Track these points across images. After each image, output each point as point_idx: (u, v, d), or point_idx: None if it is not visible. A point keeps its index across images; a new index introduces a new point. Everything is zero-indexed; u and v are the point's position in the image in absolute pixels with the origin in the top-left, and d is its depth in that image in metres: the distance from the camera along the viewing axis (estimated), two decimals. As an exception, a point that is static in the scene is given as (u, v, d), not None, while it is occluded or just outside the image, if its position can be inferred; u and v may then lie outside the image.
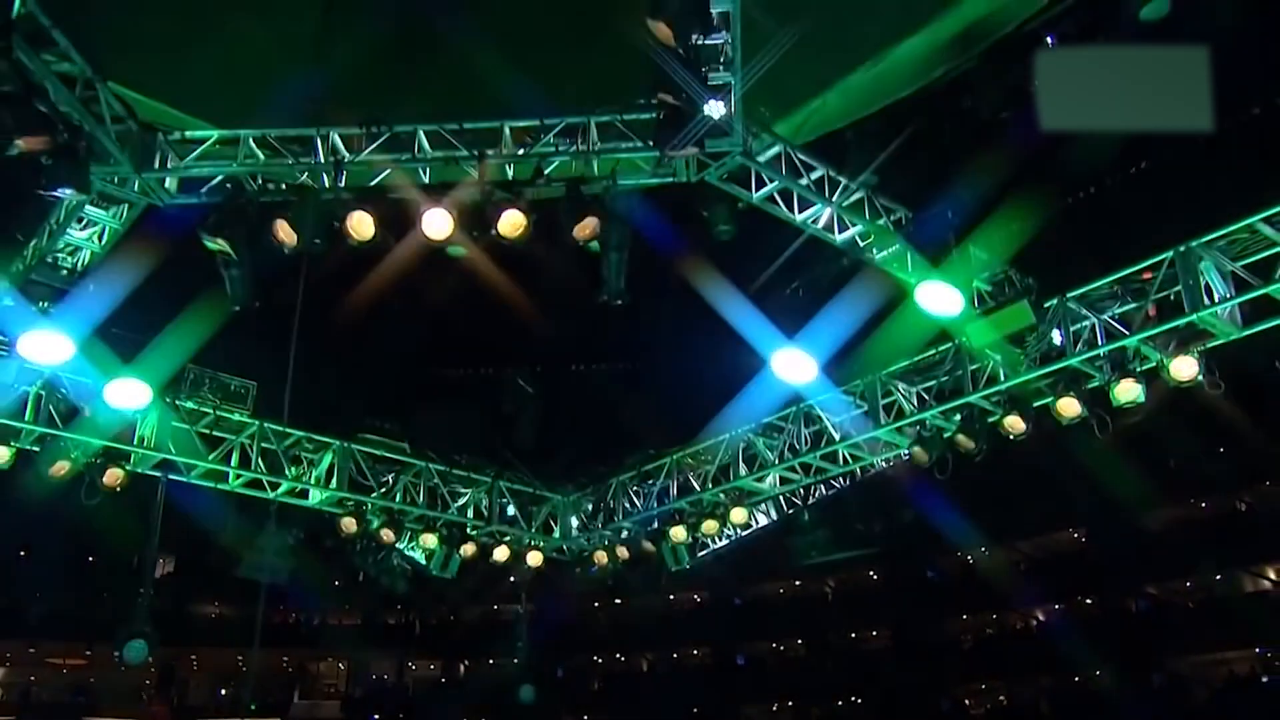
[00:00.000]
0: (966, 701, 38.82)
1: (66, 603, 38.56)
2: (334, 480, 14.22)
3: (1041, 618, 39.37)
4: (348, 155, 9.77)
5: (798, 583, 41.43)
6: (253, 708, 36.43)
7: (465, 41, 10.03)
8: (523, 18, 10.19)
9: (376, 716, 39.21)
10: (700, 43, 8.04)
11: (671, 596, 41.16)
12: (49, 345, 10.49)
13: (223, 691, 41.62)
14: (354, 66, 10.73)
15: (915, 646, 40.18)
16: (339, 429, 14.19)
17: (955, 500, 22.28)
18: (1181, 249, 10.57)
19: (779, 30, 9.07)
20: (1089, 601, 38.60)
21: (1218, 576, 36.77)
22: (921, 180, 12.29)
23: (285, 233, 9.35)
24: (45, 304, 10.60)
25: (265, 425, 13.59)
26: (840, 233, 10.78)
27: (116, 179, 9.54)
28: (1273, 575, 36.19)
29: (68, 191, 8.73)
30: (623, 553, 15.45)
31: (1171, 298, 10.82)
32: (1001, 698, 38.65)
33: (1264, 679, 34.62)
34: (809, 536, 13.96)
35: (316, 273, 12.15)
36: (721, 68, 8.66)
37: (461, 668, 43.54)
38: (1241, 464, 32.81)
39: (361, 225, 9.33)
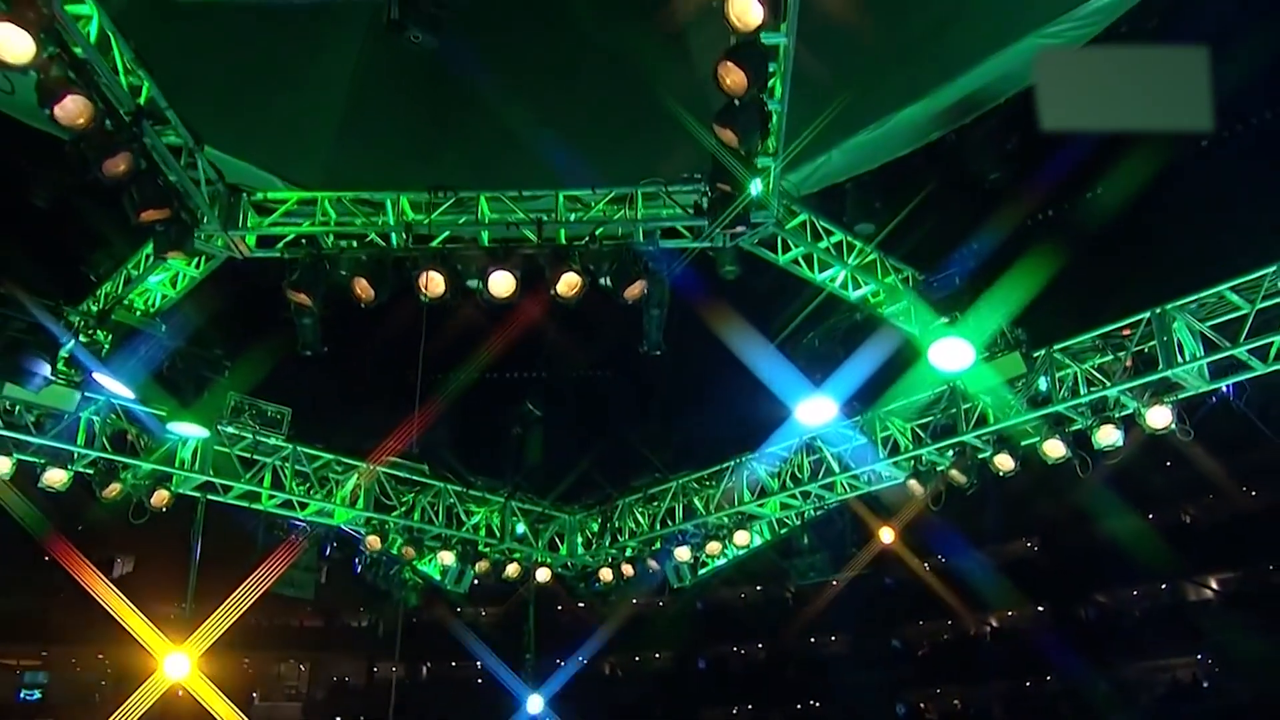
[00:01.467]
0: (922, 705, 40.88)
1: (23, 603, 38.92)
2: (359, 501, 15.32)
3: (995, 624, 41.41)
4: (414, 217, 10.93)
5: (759, 588, 42.91)
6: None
7: (516, 112, 11.19)
8: (573, 95, 11.36)
9: (339, 718, 40.10)
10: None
11: (635, 600, 42.32)
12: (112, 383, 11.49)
13: (180, 693, 42.17)
14: (409, 128, 11.91)
15: (872, 651, 41.98)
16: (366, 452, 15.25)
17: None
18: (1158, 310, 12.06)
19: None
20: (1041, 609, 40.59)
21: (1163, 585, 38.94)
22: (921, 235, 13.74)
23: (363, 289, 10.51)
24: (117, 341, 11.59)
25: (298, 449, 14.66)
26: (854, 291, 12.14)
27: (204, 236, 10.59)
28: (1214, 585, 38.44)
29: (176, 255, 9.78)
30: (627, 570, 16.76)
31: (1147, 351, 12.33)
32: (956, 701, 40.64)
33: (1204, 684, 36.80)
34: (808, 559, 15.35)
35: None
36: (764, 154, 9.97)
37: (424, 670, 44.57)
38: (1184, 478, 34.79)
39: (433, 284, 10.52)
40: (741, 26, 7.75)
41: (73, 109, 8.06)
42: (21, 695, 39.28)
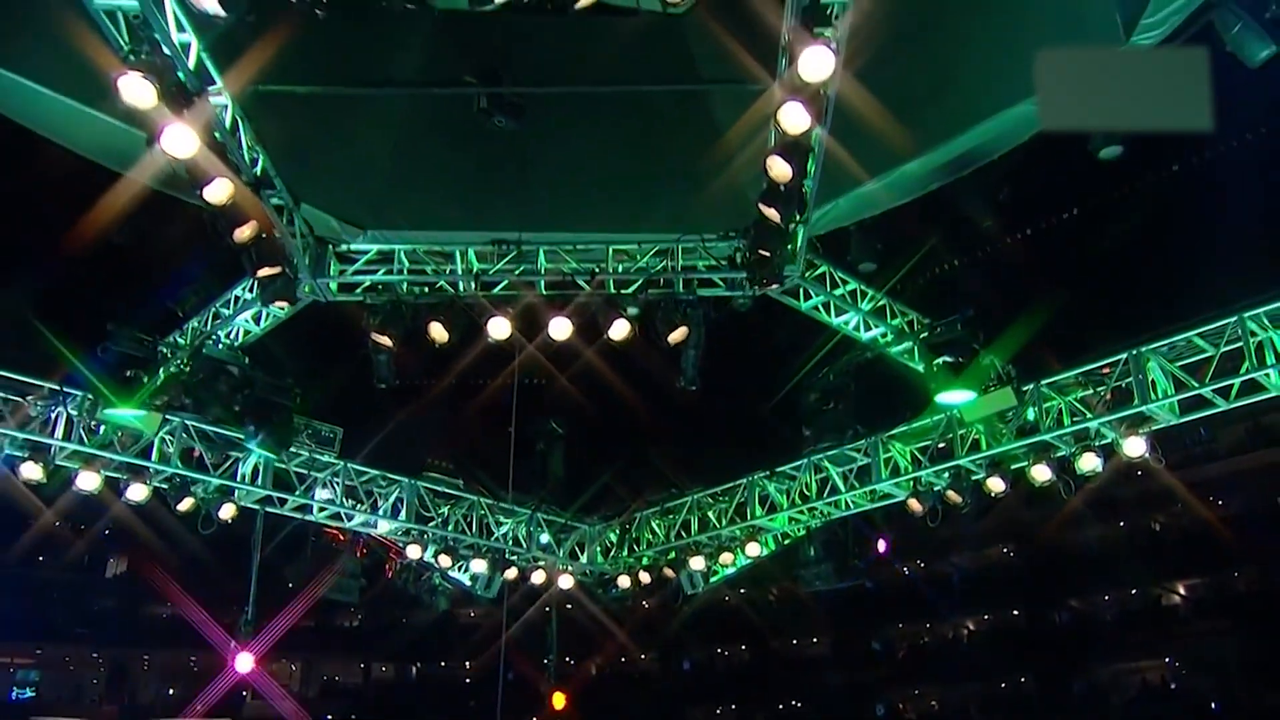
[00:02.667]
0: (900, 706, 42.58)
1: (17, 603, 40.02)
2: (402, 513, 16.87)
3: (971, 628, 43.31)
4: (480, 266, 12.51)
5: (742, 590, 44.53)
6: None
7: (570, 172, 12.78)
8: (623, 159, 12.96)
9: (330, 717, 41.45)
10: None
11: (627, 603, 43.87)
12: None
13: (170, 691, 43.46)
14: (472, 181, 13.46)
15: (853, 654, 43.82)
16: (408, 468, 16.81)
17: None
18: (1134, 352, 13.80)
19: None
20: (1016, 613, 42.53)
21: (1134, 591, 40.86)
22: (923, 277, 15.50)
23: (437, 331, 12.08)
24: (204, 372, 13.11)
25: (348, 465, 16.19)
26: (866, 333, 13.84)
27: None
28: (1182, 590, 40.33)
29: (282, 303, 11.31)
30: (644, 577, 18.41)
31: (1124, 387, 14.08)
32: (933, 703, 42.33)
33: (1173, 685, 38.68)
34: (815, 569, 17.01)
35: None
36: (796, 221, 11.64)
37: (414, 670, 46.05)
38: (1154, 489, 36.57)
39: (499, 327, 12.12)
40: (791, 131, 9.38)
41: (219, 189, 9.59)
42: (14, 694, 40.43)
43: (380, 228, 12.83)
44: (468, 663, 44.65)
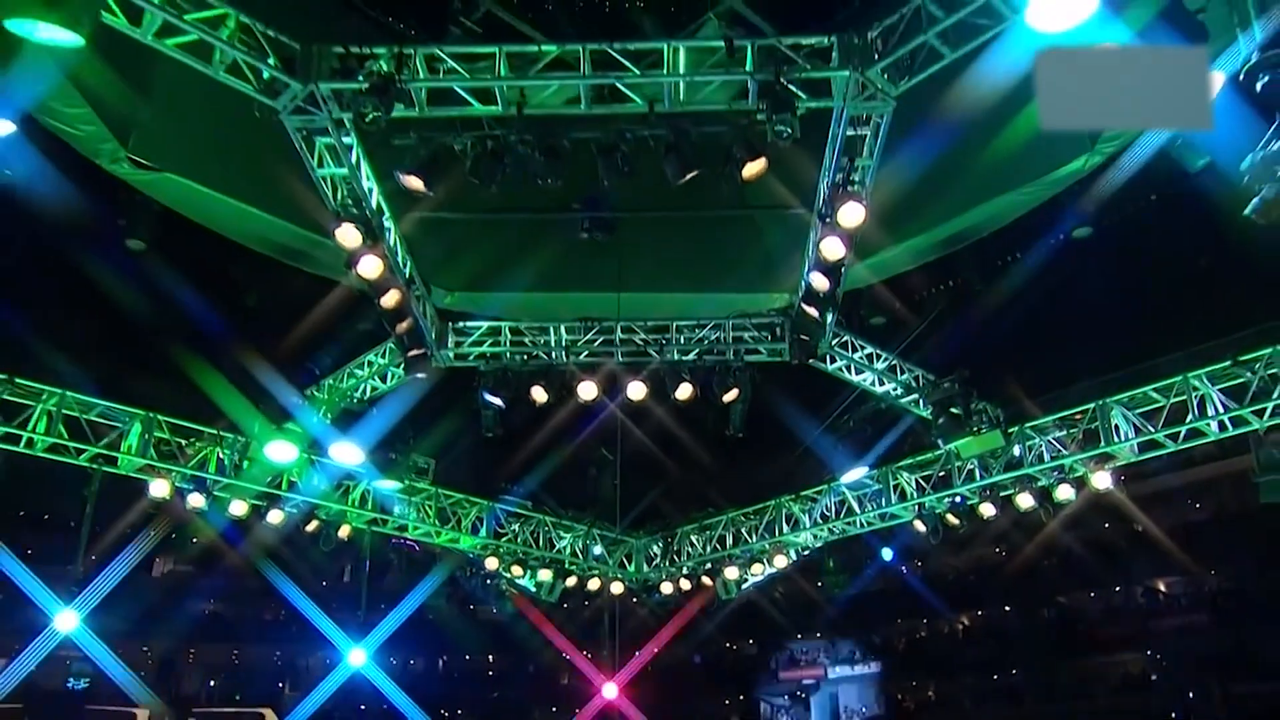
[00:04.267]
0: (900, 696, 45.55)
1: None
2: (481, 530, 19.96)
3: (966, 623, 46.28)
4: (569, 339, 15.58)
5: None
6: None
7: (644, 262, 15.81)
8: (687, 255, 16.00)
9: (362, 706, 44.26)
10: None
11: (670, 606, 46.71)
12: (349, 452, 16.10)
13: (212, 683, 46.53)
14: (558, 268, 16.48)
15: (854, 647, 46.62)
16: (487, 492, 19.91)
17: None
18: (1100, 402, 16.90)
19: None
20: (1007, 610, 45.36)
21: (1116, 589, 43.74)
22: (926, 333, 18.58)
23: (539, 393, 15.15)
24: (340, 421, 16.18)
25: (439, 491, 19.27)
26: (879, 388, 16.93)
27: (424, 354, 15.19)
28: (1162, 588, 43.19)
29: (420, 374, 14.37)
30: (684, 584, 21.53)
31: (1093, 429, 17.17)
32: (930, 693, 45.15)
33: (1153, 676, 41.50)
34: (835, 577, 20.10)
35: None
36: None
37: (440, 662, 49.09)
38: (1135, 493, 39.42)
39: (587, 390, 15.19)
40: (830, 257, 12.47)
41: (391, 297, 12.66)
42: (71, 684, 43.32)
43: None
44: (490, 656, 47.78)
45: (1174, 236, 17.33)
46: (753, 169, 11.10)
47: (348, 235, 11.75)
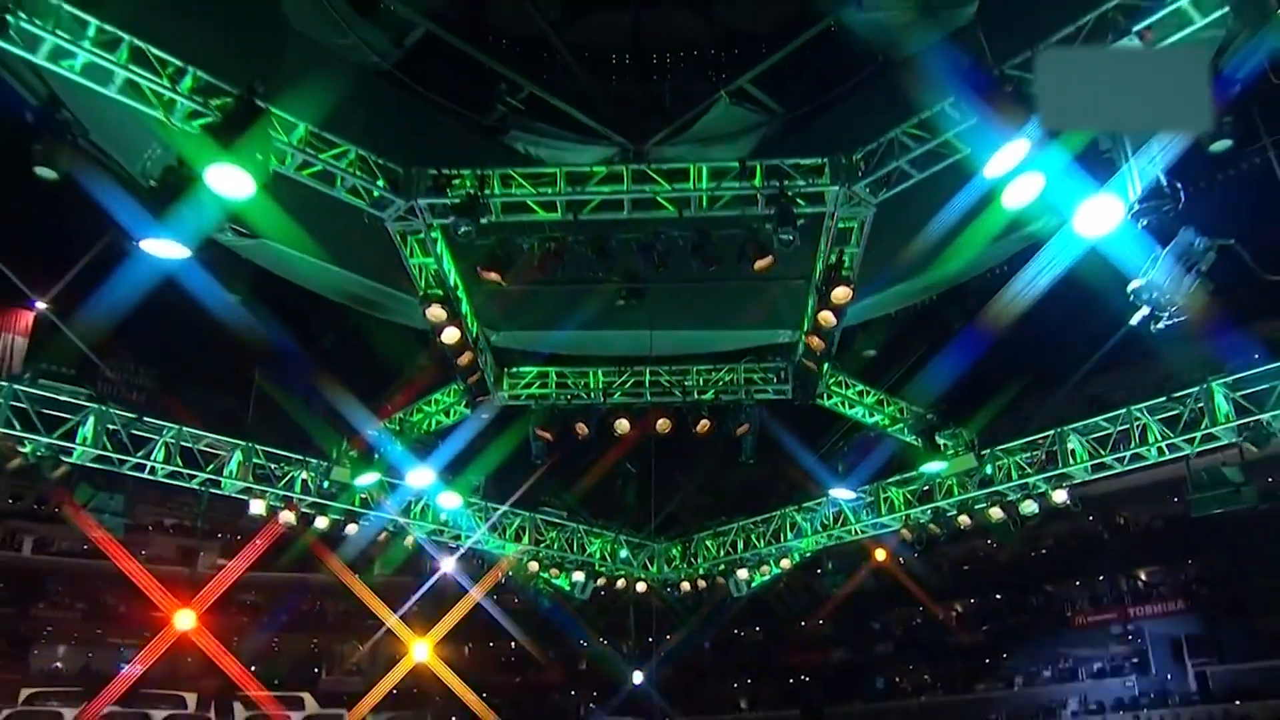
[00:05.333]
0: (897, 679, 47.97)
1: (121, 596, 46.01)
2: (523, 539, 22.86)
3: (959, 610, 48.90)
4: (605, 380, 18.43)
5: (756, 578, 50.26)
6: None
7: (669, 317, 18.57)
8: (704, 311, 18.75)
9: (395, 690, 47.23)
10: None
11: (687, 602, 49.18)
12: (422, 476, 18.99)
13: (254, 668, 49.50)
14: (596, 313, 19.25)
15: (855, 633, 49.29)
16: (529, 505, 22.79)
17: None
18: (1059, 430, 19.74)
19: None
20: (998, 598, 47.54)
21: (1100, 578, 46.26)
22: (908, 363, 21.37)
23: (581, 429, 17.99)
24: (411, 448, 19.04)
25: (488, 505, 22.15)
26: (870, 419, 19.78)
27: (484, 396, 18.05)
28: (1144, 576, 45.80)
29: (484, 414, 17.21)
30: (701, 584, 24.44)
31: (1053, 453, 20.00)
32: (925, 676, 47.35)
33: (1134, 660, 44.00)
34: (832, 577, 23.00)
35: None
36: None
37: (466, 649, 52.01)
38: (1121, 487, 41.86)
39: (623, 426, 18.04)
40: (825, 324, 15.29)
41: (466, 357, 15.50)
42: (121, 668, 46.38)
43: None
44: (513, 643, 50.66)
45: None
46: (762, 263, 13.91)
47: (434, 312, 14.62)
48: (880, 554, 24.77)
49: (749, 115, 20.49)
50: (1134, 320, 11.68)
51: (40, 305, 19.82)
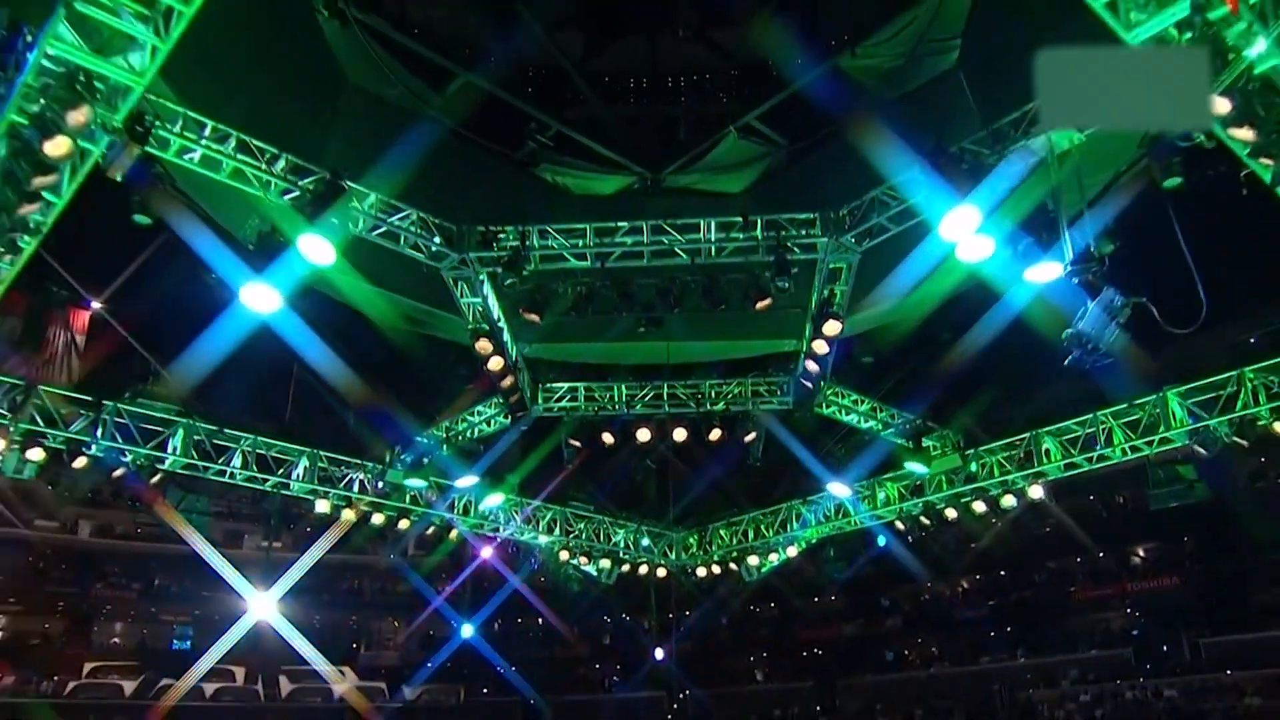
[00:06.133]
0: (906, 652, 50.03)
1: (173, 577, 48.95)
2: (555, 529, 25.43)
3: (965, 586, 51.28)
4: (628, 393, 20.90)
5: (771, 557, 52.78)
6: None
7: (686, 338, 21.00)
8: (716, 335, 21.15)
9: (430, 664, 50.01)
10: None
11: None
12: (467, 480, 21.56)
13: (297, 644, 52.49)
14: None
15: (866, 608, 51.54)
16: (559, 499, 25.33)
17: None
18: (1034, 433, 22.12)
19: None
20: (1003, 573, 48.98)
21: (1100, 554, 48.24)
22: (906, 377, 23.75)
23: (608, 437, 20.49)
24: (456, 455, 21.59)
25: (523, 500, 24.70)
26: (863, 424, 22.22)
27: (521, 410, 20.56)
28: (1140, 553, 47.81)
29: (522, 425, 19.69)
30: (715, 569, 26.99)
31: (1030, 453, 22.38)
32: (933, 649, 49.23)
33: (1134, 632, 46.04)
34: (835, 564, 25.50)
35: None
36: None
37: (496, 625, 54.78)
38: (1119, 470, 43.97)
39: (643, 434, 20.52)
40: (819, 352, 17.70)
41: (509, 385, 17.99)
42: (175, 645, 49.43)
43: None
44: (539, 619, 53.41)
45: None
46: (763, 304, 16.33)
47: (482, 345, 17.14)
48: (881, 540, 26.96)
49: (755, 147, 23.03)
50: (1067, 361, 13.98)
51: (95, 305, 22.24)
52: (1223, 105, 11.26)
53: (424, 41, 21.10)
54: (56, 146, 11.16)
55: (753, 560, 26.22)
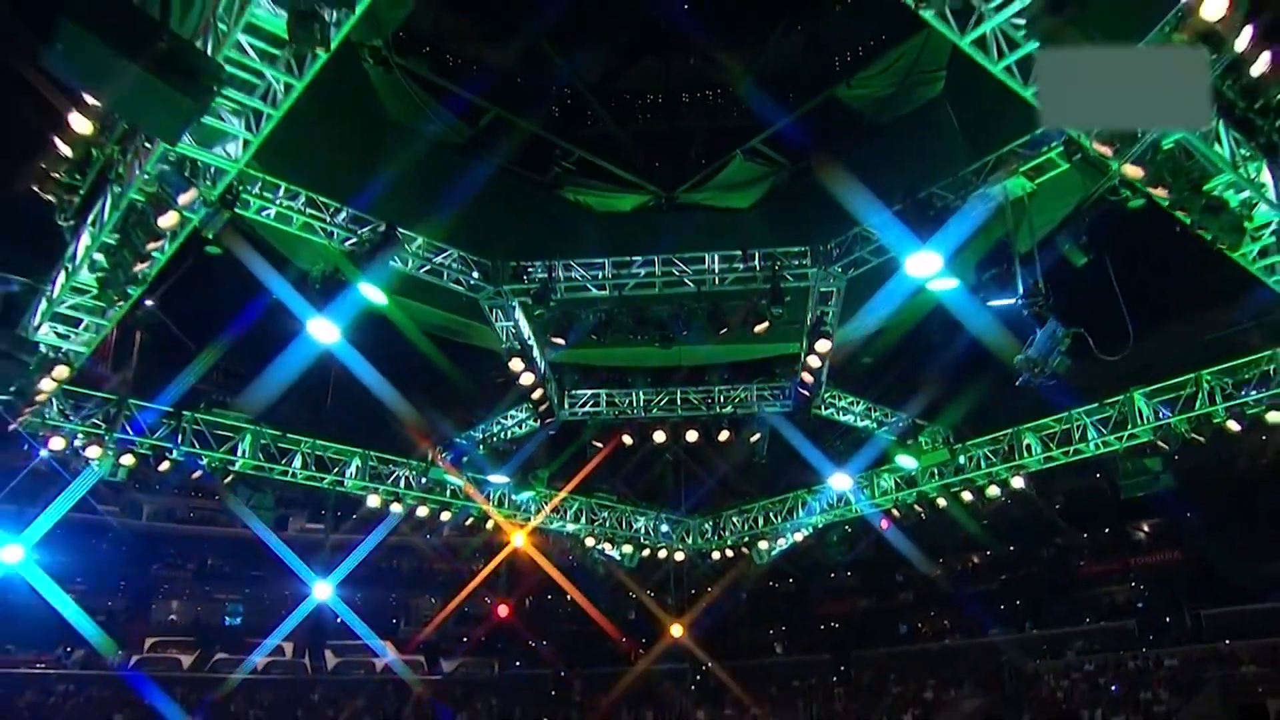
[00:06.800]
0: (919, 625, 52.73)
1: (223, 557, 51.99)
2: (581, 519, 27.95)
3: (975, 561, 53.36)
4: (647, 397, 23.31)
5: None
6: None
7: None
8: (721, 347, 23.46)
9: (465, 638, 52.74)
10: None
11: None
12: (500, 477, 24.07)
13: (338, 620, 55.42)
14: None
15: (880, 584, 54.12)
16: (584, 491, 27.82)
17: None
18: (1016, 429, 24.38)
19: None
20: (1011, 549, 51.51)
21: (1106, 529, 49.69)
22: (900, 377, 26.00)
23: (628, 438, 22.92)
24: (491, 457, 24.09)
25: (552, 492, 27.21)
26: (860, 423, 24.55)
27: (551, 414, 23.02)
28: (1145, 528, 49.76)
29: (549, 430, 22.15)
30: (728, 553, 29.46)
31: (1011, 447, 24.64)
32: (945, 622, 51.69)
33: (1139, 604, 46.76)
34: (838, 546, 27.92)
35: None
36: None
37: (527, 602, 57.53)
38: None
39: (659, 436, 22.94)
40: (813, 366, 20.03)
41: (539, 395, 20.46)
42: (226, 621, 52.52)
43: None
44: (568, 596, 56.10)
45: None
46: (760, 328, 18.65)
47: (515, 363, 19.62)
48: (883, 524, 29.19)
49: (760, 167, 25.30)
50: (1019, 382, 16.28)
51: (148, 304, 24.61)
52: (1135, 172, 13.47)
53: (458, 81, 23.42)
54: (168, 219, 13.65)
55: (763, 544, 28.64)
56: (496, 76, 24.07)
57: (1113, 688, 38.98)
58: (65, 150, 14.20)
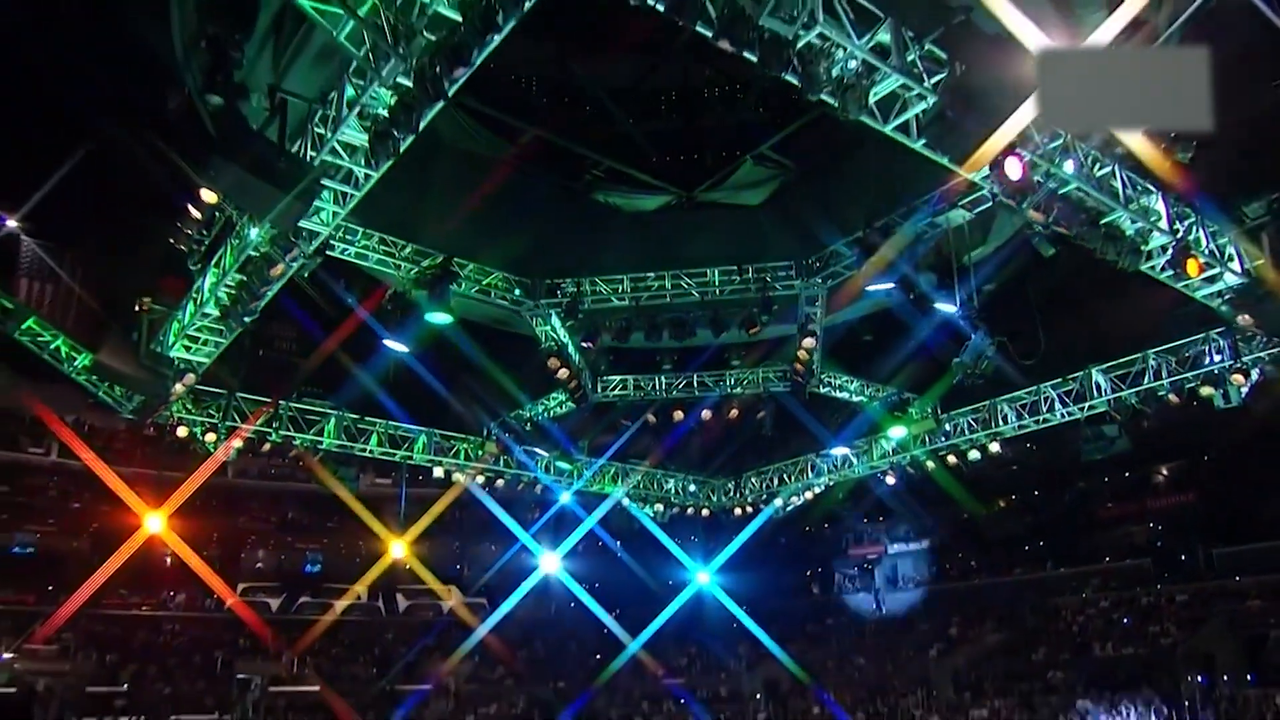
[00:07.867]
0: (947, 565, 55.29)
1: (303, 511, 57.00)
2: (618, 481, 32.28)
3: (1002, 505, 55.22)
4: (668, 382, 27.43)
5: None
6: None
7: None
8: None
9: (485, 602, 56.73)
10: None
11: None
12: (543, 451, 28.41)
13: (407, 566, 60.42)
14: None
15: (909, 530, 56.99)
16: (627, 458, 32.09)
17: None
18: (992, 400, 28.14)
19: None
20: (1036, 494, 54.50)
21: (1126, 473, 50.65)
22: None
23: (651, 419, 27.08)
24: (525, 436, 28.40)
25: (593, 460, 31.51)
26: (854, 399, 28.49)
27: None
28: (1164, 471, 50.33)
29: (585, 411, 26.36)
30: (749, 509, 33.68)
31: (989, 416, 28.42)
32: (972, 563, 54.86)
33: (1158, 544, 48.93)
34: (842, 503, 32.00)
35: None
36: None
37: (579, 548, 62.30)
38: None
39: (679, 415, 27.08)
40: (802, 357, 23.99)
41: (575, 388, 24.68)
42: (307, 568, 57.61)
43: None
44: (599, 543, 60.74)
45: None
46: (753, 331, 22.64)
47: (553, 362, 23.85)
48: (889, 479, 33.11)
49: (768, 170, 28.90)
50: (955, 381, 20.19)
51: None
52: (1038, 216, 17.07)
53: (498, 105, 27.17)
54: (277, 270, 17.98)
55: (778, 501, 32.81)
56: (531, 97, 27.60)
57: (1124, 621, 42.02)
58: (195, 213, 18.51)
